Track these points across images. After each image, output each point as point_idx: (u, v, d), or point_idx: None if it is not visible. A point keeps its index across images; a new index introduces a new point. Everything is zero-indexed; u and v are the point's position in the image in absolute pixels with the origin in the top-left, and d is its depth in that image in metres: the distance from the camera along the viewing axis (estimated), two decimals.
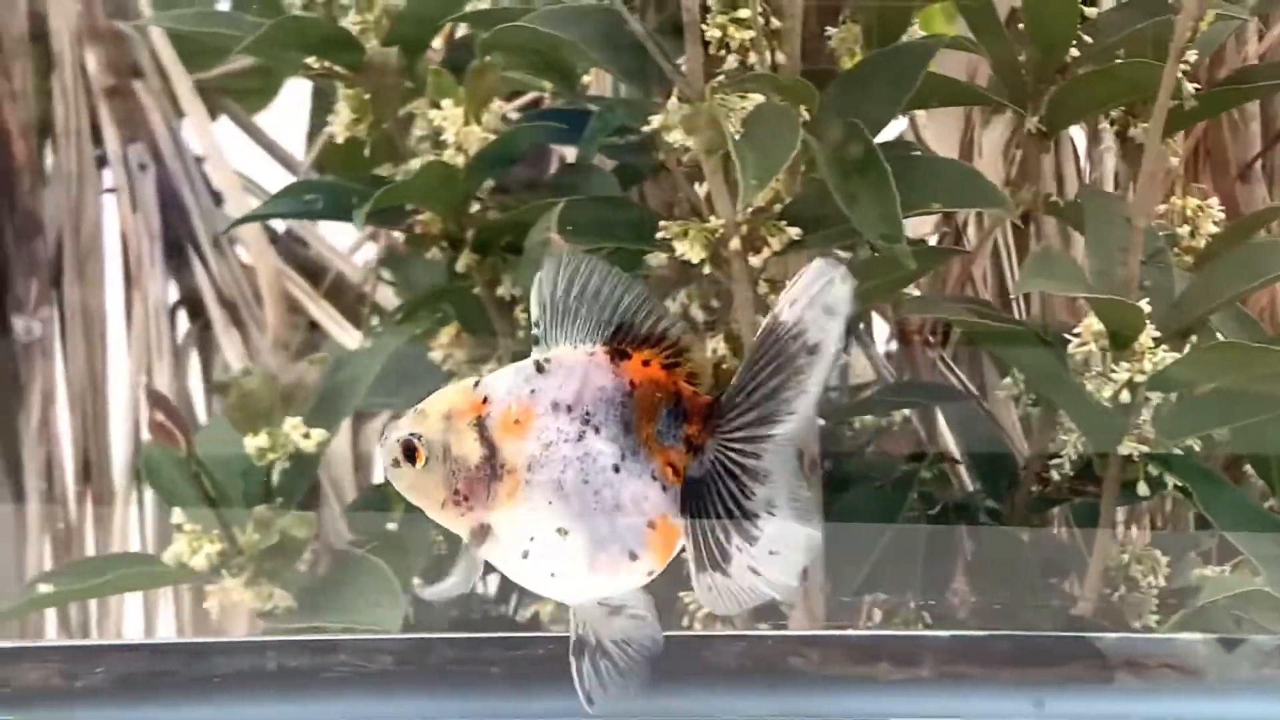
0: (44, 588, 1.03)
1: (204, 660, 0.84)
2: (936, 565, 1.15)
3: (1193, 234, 1.18)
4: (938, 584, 1.15)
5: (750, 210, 1.03)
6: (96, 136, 1.77)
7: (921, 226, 1.40)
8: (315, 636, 0.75)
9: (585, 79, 1.26)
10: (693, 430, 0.79)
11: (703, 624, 1.15)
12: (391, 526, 1.17)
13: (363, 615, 0.97)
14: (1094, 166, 1.39)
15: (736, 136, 0.97)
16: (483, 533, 0.79)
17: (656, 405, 0.79)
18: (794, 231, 1.04)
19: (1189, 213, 1.19)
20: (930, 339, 1.39)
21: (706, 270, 1.04)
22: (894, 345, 1.43)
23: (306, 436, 1.08)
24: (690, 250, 1.03)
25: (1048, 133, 1.16)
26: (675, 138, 1.02)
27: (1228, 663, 0.93)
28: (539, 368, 0.79)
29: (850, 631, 1.03)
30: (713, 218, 1.04)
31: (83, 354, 1.72)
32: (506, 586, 1.33)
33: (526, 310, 1.20)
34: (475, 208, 1.18)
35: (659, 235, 1.04)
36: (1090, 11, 1.16)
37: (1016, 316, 1.25)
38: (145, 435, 1.75)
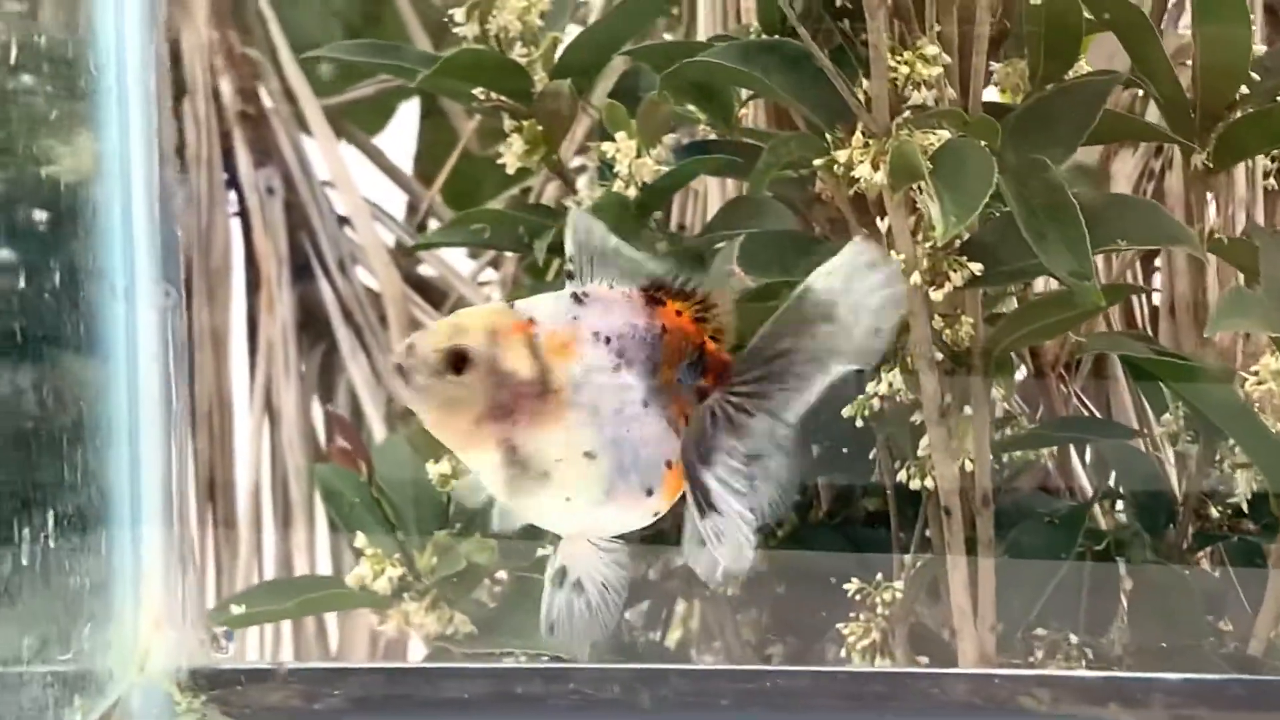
0: (236, 609, 1.04)
1: (437, 684, 0.85)
2: (1099, 601, 1.15)
3: None
4: (1100, 620, 1.15)
5: (933, 246, 1.04)
6: (227, 160, 1.80)
7: None
8: (547, 665, 0.75)
9: (741, 112, 1.27)
10: (707, 383, 0.81)
11: (860, 655, 1.15)
12: (543, 552, 1.17)
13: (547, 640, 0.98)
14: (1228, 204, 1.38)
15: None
16: (512, 454, 0.79)
17: (681, 353, 0.81)
18: (975, 267, 1.04)
19: None
20: (1064, 373, 1.39)
21: None
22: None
23: None
24: None
25: (1214, 170, 1.16)
26: (862, 173, 1.02)
27: None
28: (577, 299, 0.80)
29: (1081, 672, 1.02)
30: (892, 252, 1.05)
31: (211, 374, 1.74)
32: (654, 611, 1.33)
33: None
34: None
35: None
36: (1258, 49, 1.16)
37: None
38: (265, 454, 1.77)
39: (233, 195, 1.80)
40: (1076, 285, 0.98)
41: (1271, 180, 1.26)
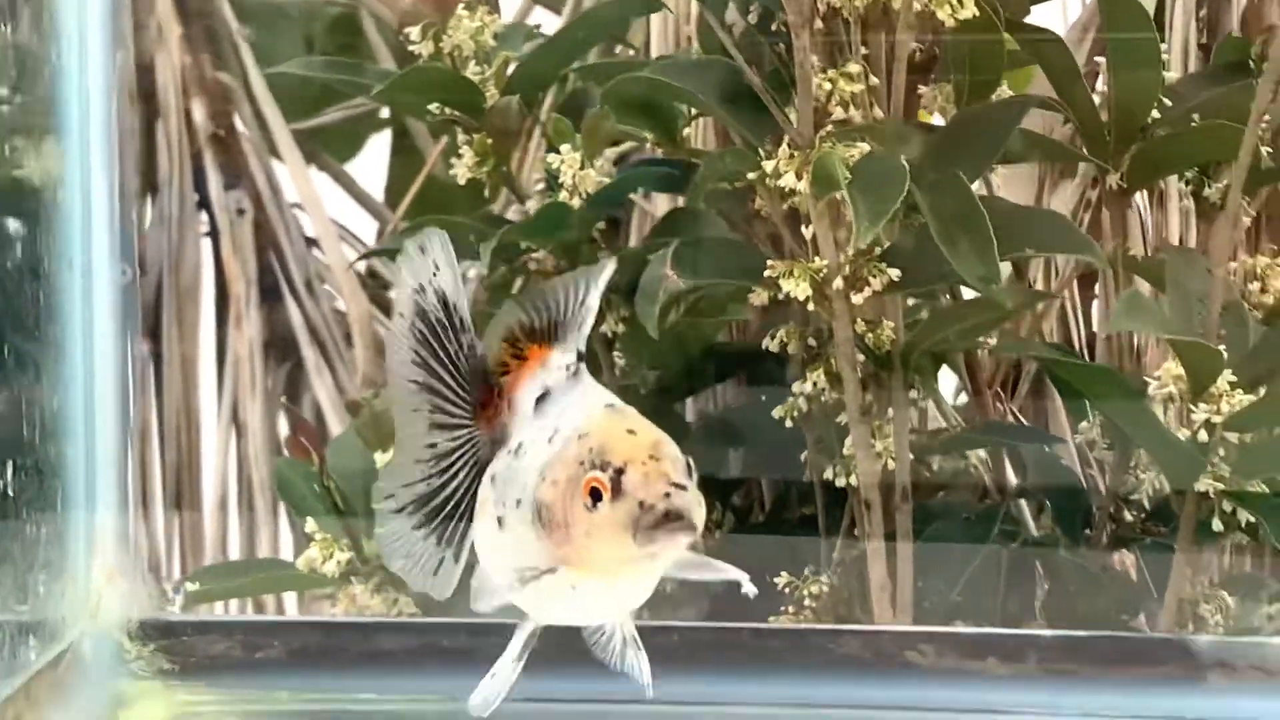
0: (191, 586, 1.10)
1: (371, 637, 0.91)
2: (1014, 597, 1.21)
3: (1263, 290, 1.25)
4: (1016, 614, 1.21)
5: (853, 252, 1.10)
6: (198, 181, 1.85)
7: None
8: (474, 620, 0.80)
9: (685, 130, 1.33)
10: None
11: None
12: None
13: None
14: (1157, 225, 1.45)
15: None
16: None
17: None
18: (894, 272, 1.10)
19: (1259, 270, 1.25)
20: (1000, 392, 1.45)
21: (810, 308, 1.11)
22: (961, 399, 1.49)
23: None
24: (796, 288, 1.10)
25: (1128, 190, 1.23)
26: (786, 182, 1.08)
27: None
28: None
29: (963, 629, 1.09)
30: (816, 258, 1.11)
31: (179, 391, 1.78)
32: None
33: (620, 346, 1.27)
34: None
35: (766, 274, 1.11)
36: (1170, 76, 1.23)
37: None
38: (231, 466, 1.82)
39: (204, 216, 1.86)
40: (984, 289, 1.05)
41: (1187, 201, 1.33)
